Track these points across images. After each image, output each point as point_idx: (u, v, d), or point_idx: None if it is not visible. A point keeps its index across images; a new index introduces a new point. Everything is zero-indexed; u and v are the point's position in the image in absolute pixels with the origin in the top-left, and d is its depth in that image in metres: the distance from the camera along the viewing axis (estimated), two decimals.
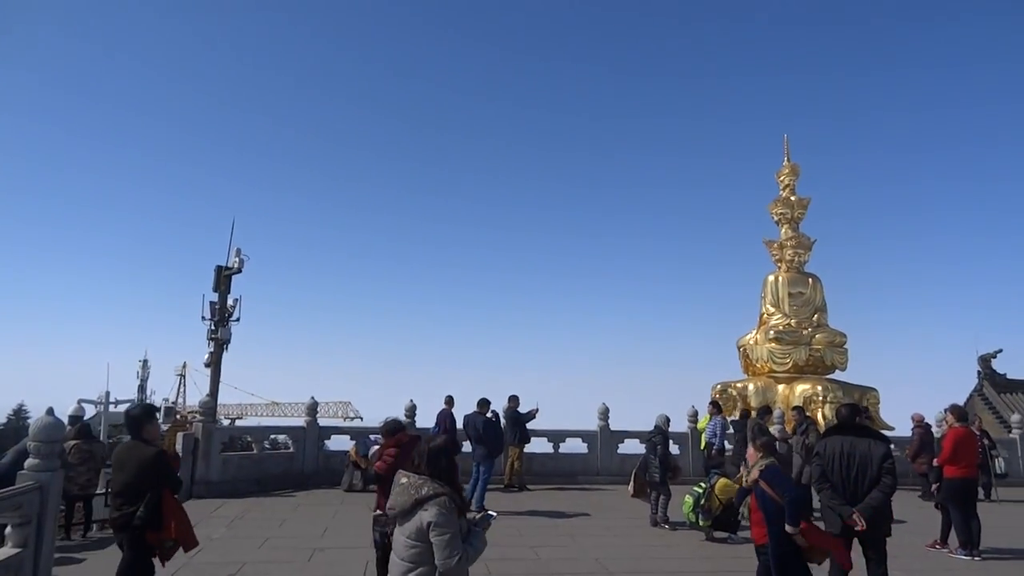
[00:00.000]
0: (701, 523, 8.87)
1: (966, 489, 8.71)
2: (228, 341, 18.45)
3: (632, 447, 14.27)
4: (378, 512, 5.55)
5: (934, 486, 10.04)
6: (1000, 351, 28.44)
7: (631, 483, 10.15)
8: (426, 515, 3.36)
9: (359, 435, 12.87)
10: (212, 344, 18.37)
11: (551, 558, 7.94)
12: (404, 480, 3.56)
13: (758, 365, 21.49)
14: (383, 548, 5.24)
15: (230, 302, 18.54)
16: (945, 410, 9.84)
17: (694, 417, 14.64)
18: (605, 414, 14.90)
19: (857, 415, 6.26)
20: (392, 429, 6.04)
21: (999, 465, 13.68)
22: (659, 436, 9.99)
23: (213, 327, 18.24)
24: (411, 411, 13.79)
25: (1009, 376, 28.33)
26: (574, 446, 14.82)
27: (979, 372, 28.55)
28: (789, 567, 5.07)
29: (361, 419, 58.55)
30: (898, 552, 6.48)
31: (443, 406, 12.63)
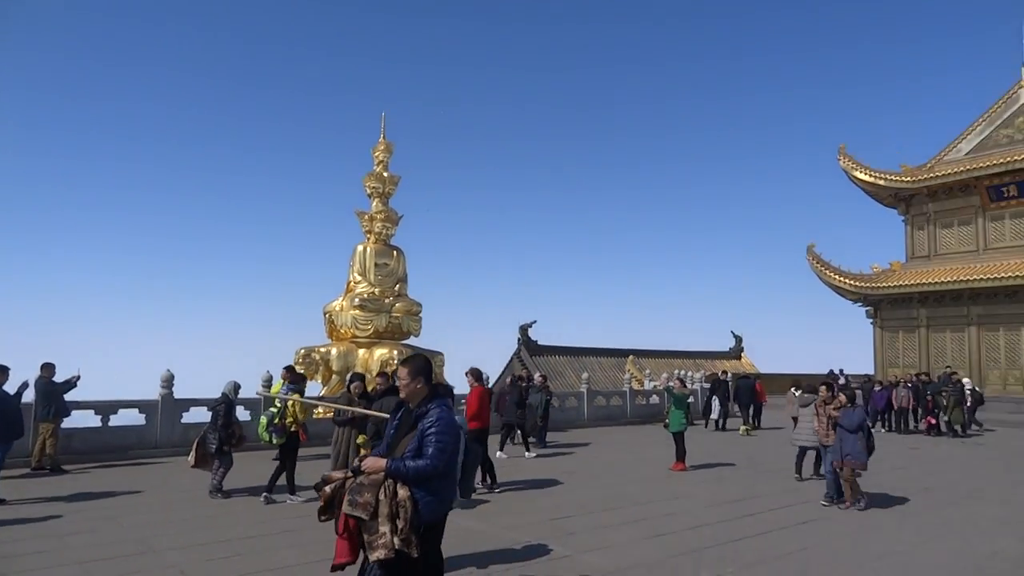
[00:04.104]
0: (275, 440, 9.11)
1: (482, 438, 10.56)
2: None
3: (199, 415, 13.36)
4: None
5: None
6: (535, 321, 34.78)
7: (192, 453, 9.52)
8: None
9: None
10: None
11: (82, 545, 6.97)
12: None
13: (342, 331, 22.12)
14: None
15: None
16: (467, 372, 11.47)
17: (268, 382, 14.39)
18: (169, 381, 13.66)
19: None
20: None
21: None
22: (222, 404, 9.57)
23: None
24: None
25: (540, 343, 34.85)
26: (130, 418, 13.25)
27: (519, 339, 34.41)
28: None
29: None
30: None
31: None
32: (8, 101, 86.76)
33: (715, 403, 20.57)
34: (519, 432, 16.26)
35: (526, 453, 14.30)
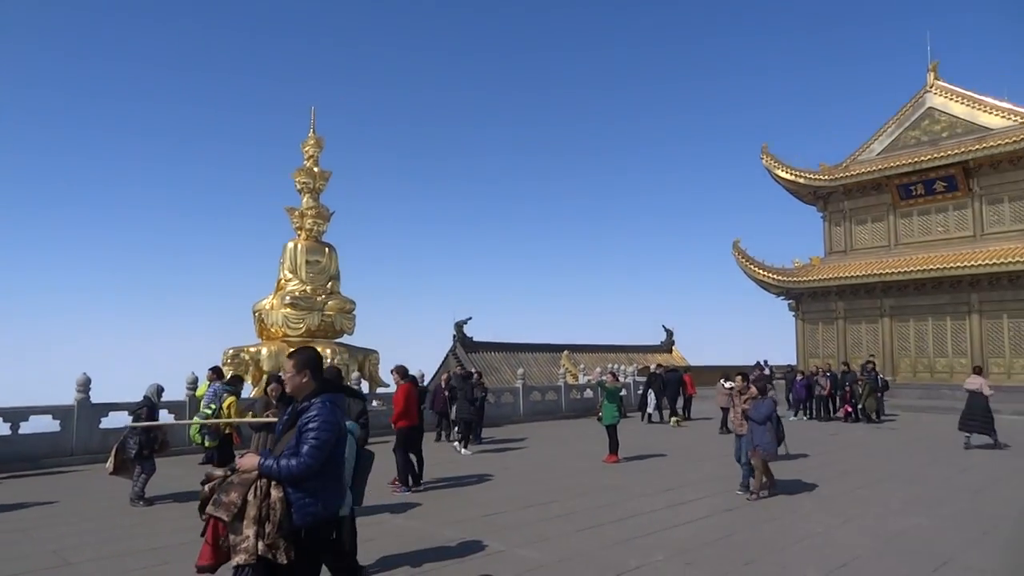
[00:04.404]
0: (207, 443, 9.05)
1: (412, 436, 10.40)
2: None
3: (120, 420, 12.76)
4: None
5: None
6: (470, 318, 34.75)
7: (111, 459, 9.09)
8: None
9: None
10: None
11: None
12: None
13: (273, 330, 21.60)
14: None
15: None
16: (392, 370, 11.35)
17: (193, 384, 13.91)
18: (85, 385, 13.00)
19: (340, 377, 6.80)
20: None
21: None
22: (144, 408, 9.19)
23: None
24: None
25: (476, 339, 34.85)
26: (42, 424, 12.54)
27: (454, 336, 34.33)
28: None
29: None
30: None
31: None
32: None
33: (651, 396, 21.07)
34: (455, 428, 16.31)
35: (462, 450, 14.29)
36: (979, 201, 27.96)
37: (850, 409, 20.80)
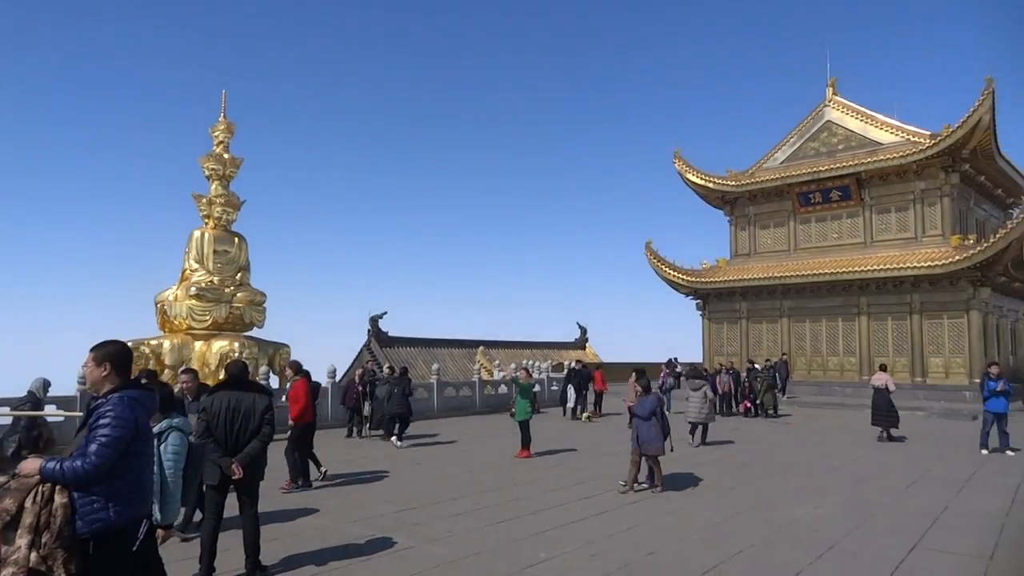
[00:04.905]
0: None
1: (307, 433, 10.31)
2: None
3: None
4: None
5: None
6: (386, 313, 34.34)
7: None
8: None
9: None
10: None
11: None
12: None
13: (176, 322, 20.61)
14: None
15: None
16: (286, 366, 11.13)
17: (83, 378, 13.11)
18: None
19: (247, 372, 6.56)
20: None
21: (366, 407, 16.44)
22: (27, 403, 8.60)
23: None
24: None
25: (391, 334, 34.46)
26: None
27: (369, 330, 33.83)
28: None
29: None
30: (263, 492, 7.03)
31: None
32: None
33: (571, 391, 21.51)
34: (367, 424, 16.19)
35: (399, 444, 14.51)
36: (869, 210, 29.92)
37: (749, 405, 21.85)
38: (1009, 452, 13.67)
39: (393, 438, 14.74)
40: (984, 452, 13.74)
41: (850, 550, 6.88)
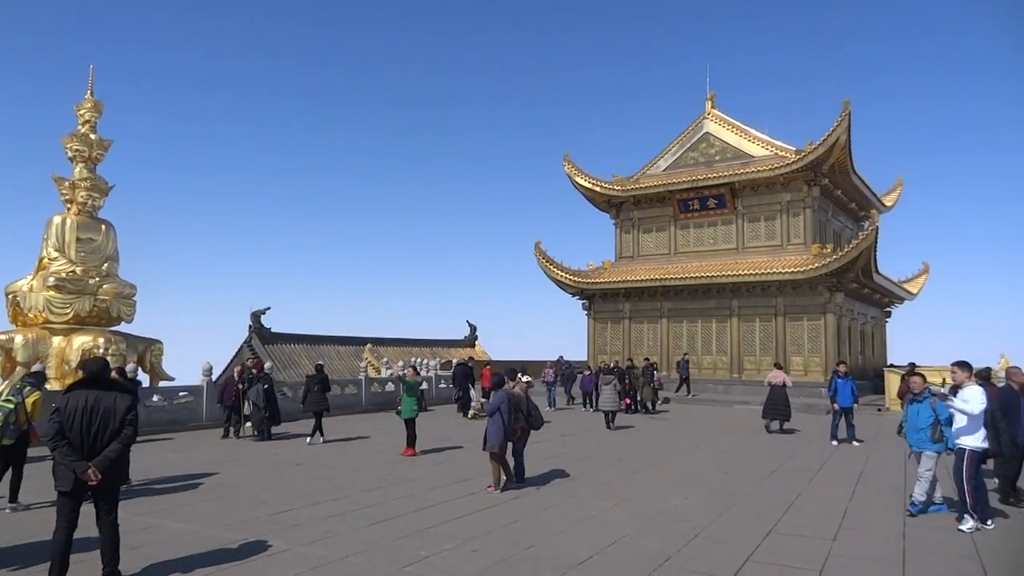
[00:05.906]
0: (5, 441, 8.05)
1: None
2: None
3: None
4: None
5: None
6: (268, 308, 33.01)
7: None
8: None
9: None
10: None
11: None
12: None
13: (31, 315, 18.94)
14: None
15: None
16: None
17: None
18: None
19: (107, 369, 6.13)
20: None
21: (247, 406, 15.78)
22: None
23: None
24: None
25: (274, 330, 33.20)
26: None
27: (250, 326, 32.42)
28: None
29: None
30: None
31: None
32: None
33: (473, 392, 21.78)
34: (246, 422, 15.62)
35: (320, 440, 14.67)
36: (741, 218, 31.92)
37: (629, 401, 22.77)
38: (855, 443, 15.06)
39: (317, 434, 14.79)
40: (834, 443, 15.06)
41: (714, 537, 7.36)
